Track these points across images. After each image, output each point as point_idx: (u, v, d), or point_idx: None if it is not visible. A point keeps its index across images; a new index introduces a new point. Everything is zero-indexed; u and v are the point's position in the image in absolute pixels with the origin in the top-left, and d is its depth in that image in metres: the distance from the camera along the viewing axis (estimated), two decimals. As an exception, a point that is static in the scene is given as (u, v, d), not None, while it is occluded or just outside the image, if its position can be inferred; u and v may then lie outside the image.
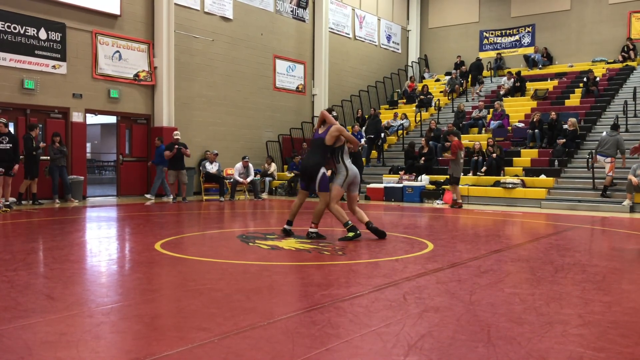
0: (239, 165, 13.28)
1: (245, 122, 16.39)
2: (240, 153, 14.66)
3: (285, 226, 6.44)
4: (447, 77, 20.23)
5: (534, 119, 13.65)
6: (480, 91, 18.65)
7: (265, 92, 17.19)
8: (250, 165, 13.42)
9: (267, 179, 15.46)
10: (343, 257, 4.99)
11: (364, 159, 14.41)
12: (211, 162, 12.94)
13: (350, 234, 6.03)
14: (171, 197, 12.32)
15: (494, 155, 12.73)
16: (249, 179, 13.14)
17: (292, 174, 15.29)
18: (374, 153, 15.83)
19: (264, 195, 14.65)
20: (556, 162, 12.44)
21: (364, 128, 16.56)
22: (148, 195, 12.38)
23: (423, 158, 13.62)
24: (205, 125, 15.27)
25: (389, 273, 4.30)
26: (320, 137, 5.86)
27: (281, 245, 5.57)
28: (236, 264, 4.59)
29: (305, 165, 5.99)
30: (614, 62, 17.84)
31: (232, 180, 13.28)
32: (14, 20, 11.28)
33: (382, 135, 15.77)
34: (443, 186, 12.60)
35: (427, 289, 3.81)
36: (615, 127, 11.50)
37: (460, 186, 12.40)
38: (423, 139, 14.07)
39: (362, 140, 15.58)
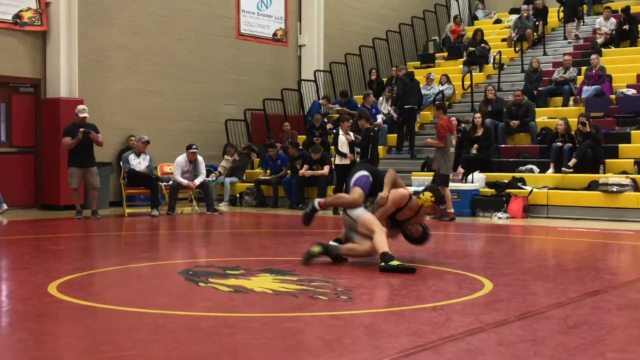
0: (182, 159, 13.28)
1: (192, 90, 16.42)
2: (184, 140, 14.69)
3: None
4: (514, 17, 20.35)
5: (651, 83, 13.76)
6: (578, 32, 18.66)
7: (223, 41, 17.21)
8: (200, 158, 13.44)
9: (228, 180, 15.47)
10: (349, 303, 5.00)
11: (380, 147, 14.44)
12: (138, 155, 12.93)
13: (394, 263, 6.21)
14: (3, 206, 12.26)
15: (589, 140, 12.82)
16: (197, 181, 13.16)
17: (268, 174, 15.33)
18: (396, 138, 15.82)
19: (222, 207, 14.67)
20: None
21: (382, 100, 16.61)
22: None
23: (476, 146, 13.69)
24: (128, 96, 15.29)
25: (421, 330, 4.30)
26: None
27: (250, 286, 5.57)
28: (179, 317, 4.58)
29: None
30: None
31: (171, 182, 13.29)
32: None
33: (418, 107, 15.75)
34: (507, 190, 12.66)
35: (483, 354, 3.81)
36: None
37: (531, 189, 12.47)
38: (476, 115, 14.13)
39: (379, 118, 15.63)
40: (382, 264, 6.29)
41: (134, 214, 12.86)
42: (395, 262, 6.27)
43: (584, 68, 15.72)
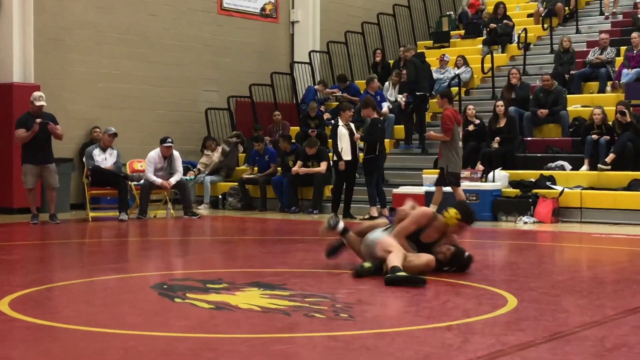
0: (155, 154, 13.27)
1: (167, 75, 16.41)
2: (158, 132, 14.67)
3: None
4: (541, -11, 20.33)
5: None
6: (617, 7, 18.66)
7: (203, 17, 17.18)
8: (177, 154, 13.43)
9: (208, 179, 15.45)
10: (350, 322, 4.99)
11: (386, 141, 14.43)
12: (104, 149, 12.92)
13: (402, 273, 6.26)
14: None
15: (629, 132, 12.82)
16: (173, 180, 13.15)
17: (255, 172, 15.31)
18: (399, 130, 15.84)
19: (202, 209, 14.66)
20: None
21: (388, 85, 16.59)
22: None
23: (497, 139, 13.70)
24: (92, 81, 15.27)
25: (434, 353, 4.29)
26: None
27: (235, 303, 5.56)
28: (152, 338, 4.57)
29: None
30: None
31: (142, 181, 13.27)
32: None
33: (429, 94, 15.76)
34: (534, 190, 12.66)
35: (506, 381, 3.82)
36: None
37: (562, 189, 12.47)
38: (498, 102, 14.14)
39: (385, 107, 15.63)
40: (389, 274, 6.30)
41: (99, 218, 12.83)
42: (403, 273, 6.27)
43: (623, 48, 15.73)
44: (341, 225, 7.28)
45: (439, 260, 6.85)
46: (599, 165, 12.81)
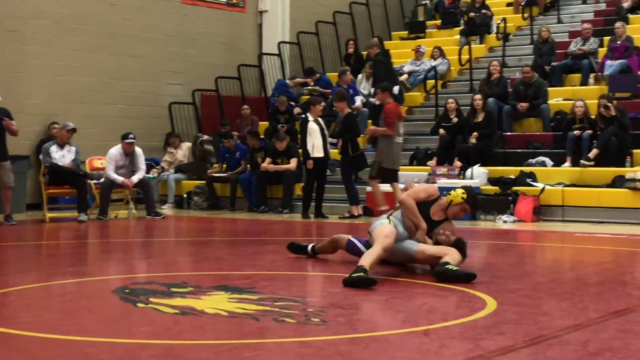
0: (117, 151, 13.20)
1: (128, 67, 16.31)
2: (119, 128, 14.60)
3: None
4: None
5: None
6: None
7: (166, 6, 17.09)
8: (139, 151, 13.36)
9: (172, 177, 15.38)
10: (322, 327, 4.99)
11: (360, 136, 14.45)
12: (62, 146, 12.82)
13: (358, 274, 6.29)
14: None
15: (613, 126, 12.94)
16: (135, 178, 13.08)
17: (224, 170, 15.26)
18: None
19: (166, 209, 14.59)
20: None
21: (361, 78, 16.61)
22: None
23: (475, 134, 13.77)
24: (49, 73, 15.16)
25: (411, 359, 4.30)
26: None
27: (201, 307, 5.55)
28: (113, 345, 4.55)
29: None
30: None
31: (102, 180, 13.19)
32: None
33: (397, 91, 15.84)
34: (514, 188, 12.74)
35: (486, 387, 3.84)
36: None
37: (543, 186, 12.55)
38: (476, 96, 14.22)
39: (358, 101, 15.65)
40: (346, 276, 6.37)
41: (57, 219, 12.74)
42: (360, 274, 6.30)
43: (606, 38, 15.87)
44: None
45: (441, 243, 7.03)
46: (581, 161, 12.90)
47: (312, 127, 12.78)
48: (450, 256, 6.69)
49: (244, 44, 18.58)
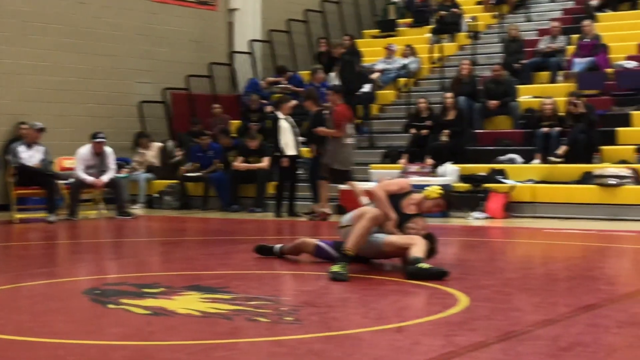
0: (86, 150, 13.12)
1: (98, 66, 16.21)
2: (88, 127, 14.50)
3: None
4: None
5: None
6: None
7: (136, 4, 17.00)
8: (109, 150, 13.29)
9: (143, 176, 15.30)
10: (295, 326, 4.99)
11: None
12: (30, 146, 12.72)
13: (336, 268, 6.35)
14: None
15: (581, 123, 13.06)
16: (105, 178, 13.01)
17: (196, 169, 15.20)
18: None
19: (137, 209, 14.52)
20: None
21: (334, 76, 16.60)
22: None
23: (446, 132, 13.85)
24: (16, 73, 15.02)
25: (383, 356, 4.30)
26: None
27: (172, 308, 5.52)
28: (84, 347, 4.52)
29: None
30: None
31: (72, 180, 13.10)
32: None
33: (369, 89, 15.89)
34: (485, 185, 12.82)
35: (458, 384, 3.85)
36: None
37: (514, 183, 12.62)
38: (447, 94, 14.29)
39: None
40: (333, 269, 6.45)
41: (25, 220, 12.62)
42: (337, 268, 6.37)
43: (575, 36, 16.01)
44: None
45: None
46: (550, 158, 13.01)
47: (283, 125, 12.78)
48: (418, 246, 6.73)
49: (214, 42, 18.51)
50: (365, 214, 6.79)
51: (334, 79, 16.45)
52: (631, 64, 15.01)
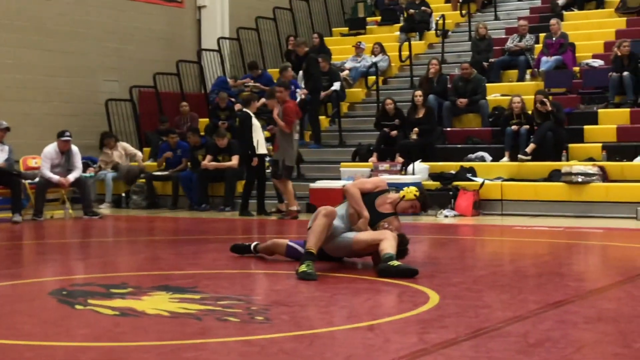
0: (52, 149, 13.00)
1: (64, 64, 16.08)
2: (54, 126, 14.35)
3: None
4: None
5: (621, 52, 14.24)
6: None
7: (103, 1, 16.89)
8: (75, 149, 13.18)
9: (110, 175, 15.19)
10: (266, 325, 4.99)
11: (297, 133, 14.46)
12: (-6, 145, 12.61)
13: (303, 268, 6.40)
14: None
15: (549, 121, 13.16)
16: (71, 177, 12.91)
17: (162, 168, 15.13)
18: (321, 121, 15.94)
19: (103, 209, 14.42)
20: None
21: (302, 75, 16.61)
22: None
23: (416, 130, 13.89)
24: (-21, 69, 14.83)
25: (355, 354, 4.32)
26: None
27: (141, 308, 5.50)
28: (51, 349, 4.49)
29: None
30: None
31: (37, 179, 12.99)
32: None
33: (339, 87, 15.89)
34: (454, 183, 12.88)
35: (429, 381, 3.87)
36: None
37: (483, 181, 12.71)
38: (417, 92, 14.33)
39: (299, 97, 15.64)
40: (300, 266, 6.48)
41: (-10, 221, 12.50)
42: (303, 267, 6.41)
43: (542, 35, 16.14)
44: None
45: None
46: (519, 156, 13.10)
47: (256, 123, 12.76)
48: (388, 241, 6.76)
49: (182, 40, 18.44)
50: (320, 212, 6.82)
51: (303, 77, 16.46)
52: (597, 63, 15.19)
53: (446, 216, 12.35)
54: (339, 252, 7.12)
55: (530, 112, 13.44)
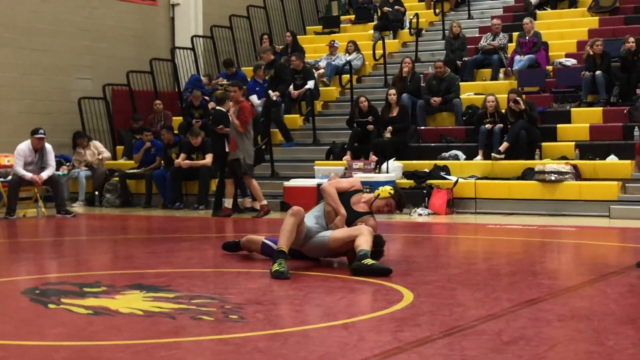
0: (25, 147, 12.90)
1: (36, 61, 15.97)
2: (27, 124, 14.26)
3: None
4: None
5: (593, 51, 14.36)
6: None
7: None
8: (49, 147, 13.09)
9: (83, 174, 15.10)
10: (240, 324, 5.00)
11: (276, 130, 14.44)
12: (-35, 143, 12.47)
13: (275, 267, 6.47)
14: None
15: (522, 120, 13.25)
16: (45, 175, 12.82)
17: (136, 166, 15.06)
18: (295, 119, 15.94)
19: (77, 207, 14.34)
20: (637, 131, 13.17)
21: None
22: None
23: (390, 128, 13.92)
24: (-50, 66, 14.69)
25: (330, 353, 4.34)
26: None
27: (115, 307, 5.49)
28: (24, 348, 4.48)
29: None
30: None
31: (11, 177, 12.89)
32: None
33: (312, 86, 15.89)
34: (428, 181, 12.93)
35: (404, 379, 3.89)
36: None
37: (457, 179, 12.77)
38: (390, 91, 14.36)
39: (273, 96, 15.62)
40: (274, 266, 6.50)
41: (-39, 219, 12.40)
42: (276, 266, 6.46)
43: (515, 34, 16.20)
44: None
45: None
46: (492, 155, 13.17)
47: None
48: (364, 236, 6.80)
49: (156, 38, 18.36)
50: (288, 212, 6.86)
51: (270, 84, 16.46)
52: (570, 62, 15.29)
53: (420, 214, 12.39)
54: (316, 252, 7.15)
55: (503, 110, 13.51)
